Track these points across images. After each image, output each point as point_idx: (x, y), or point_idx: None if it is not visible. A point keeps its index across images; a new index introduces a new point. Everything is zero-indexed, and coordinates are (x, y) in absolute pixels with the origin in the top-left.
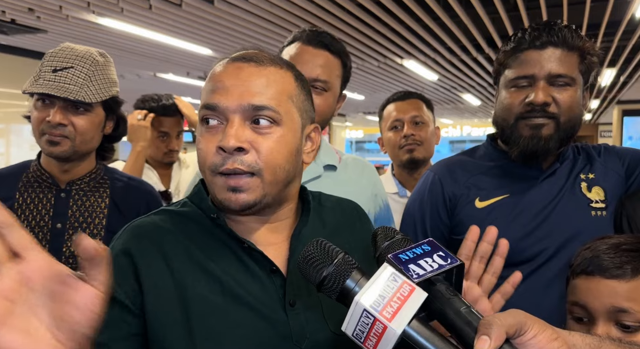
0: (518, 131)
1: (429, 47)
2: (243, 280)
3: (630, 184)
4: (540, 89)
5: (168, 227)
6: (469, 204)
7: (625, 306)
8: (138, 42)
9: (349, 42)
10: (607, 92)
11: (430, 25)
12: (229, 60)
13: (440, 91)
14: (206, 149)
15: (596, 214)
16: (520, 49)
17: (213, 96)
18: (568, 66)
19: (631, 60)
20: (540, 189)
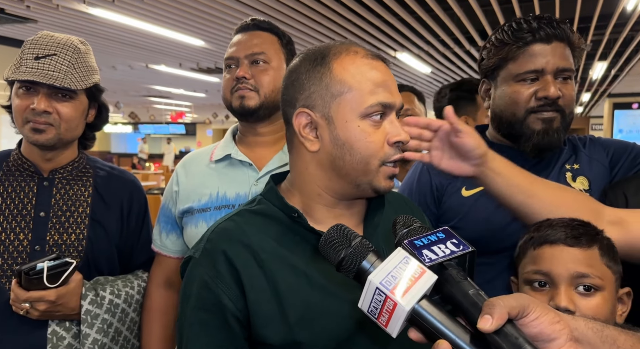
0: (529, 125)
1: (422, 40)
2: (325, 270)
3: (614, 174)
4: (551, 83)
5: (252, 228)
6: (455, 193)
7: (586, 271)
8: (130, 33)
9: (342, 34)
10: (598, 86)
11: (424, 18)
12: (372, 57)
13: (434, 83)
14: (377, 141)
15: None
16: (525, 41)
17: (385, 95)
18: (569, 60)
19: (622, 54)
20: None
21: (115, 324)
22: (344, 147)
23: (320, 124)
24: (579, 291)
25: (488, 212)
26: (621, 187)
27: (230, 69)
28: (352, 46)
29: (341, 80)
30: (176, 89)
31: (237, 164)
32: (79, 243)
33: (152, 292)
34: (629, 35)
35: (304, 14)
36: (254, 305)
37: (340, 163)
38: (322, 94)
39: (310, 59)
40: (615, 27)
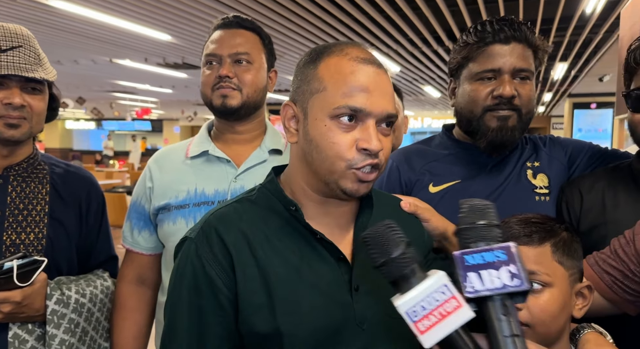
0: (485, 122)
1: (392, 39)
2: (316, 266)
3: (571, 172)
4: (507, 83)
5: (249, 216)
6: (423, 189)
7: (534, 269)
8: (93, 26)
9: (313, 31)
10: (559, 86)
11: (393, 17)
12: (361, 60)
13: (402, 82)
14: (343, 144)
15: (540, 199)
16: (485, 42)
17: (361, 100)
18: (528, 61)
19: (581, 55)
20: (489, 175)
21: (82, 323)
22: (311, 143)
23: (299, 118)
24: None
25: (453, 208)
26: (577, 185)
27: (212, 65)
28: (348, 47)
29: (320, 78)
30: (142, 85)
31: (215, 160)
32: (39, 242)
33: (124, 289)
34: (587, 38)
35: (273, 10)
36: (244, 292)
37: (310, 159)
38: (305, 90)
39: (308, 56)
40: (575, 29)
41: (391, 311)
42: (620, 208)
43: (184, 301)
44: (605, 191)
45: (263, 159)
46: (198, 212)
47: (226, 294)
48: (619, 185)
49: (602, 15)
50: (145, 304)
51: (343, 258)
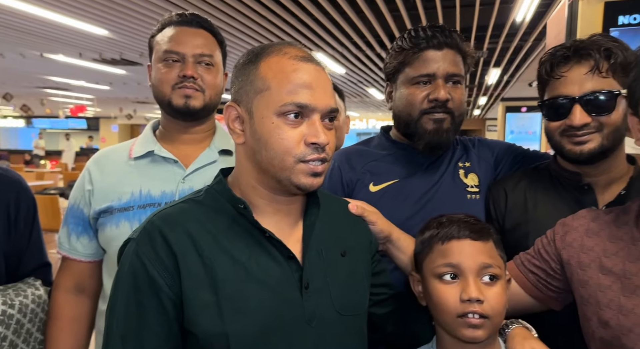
0: (422, 125)
1: (337, 41)
2: (265, 264)
3: (497, 172)
4: (441, 87)
5: (196, 216)
6: (364, 188)
7: (489, 262)
8: (21, 18)
9: (258, 30)
10: (493, 90)
11: (337, 19)
12: (301, 59)
13: (348, 84)
14: (291, 139)
15: (471, 197)
16: (420, 48)
17: (305, 96)
18: (459, 66)
19: (513, 61)
20: (425, 174)
21: (10, 336)
22: (260, 141)
23: (244, 118)
24: (485, 281)
25: (391, 207)
26: (502, 185)
27: (171, 63)
28: (286, 47)
29: (263, 78)
30: (76, 81)
31: (161, 161)
32: None
33: (60, 299)
34: (518, 45)
35: (217, 8)
36: (189, 292)
37: (259, 157)
38: (248, 90)
39: (246, 57)
40: (507, 36)
41: (340, 308)
42: (539, 207)
43: (124, 301)
44: (527, 190)
45: (212, 159)
46: (143, 215)
47: (168, 295)
48: (539, 185)
49: (531, 24)
50: (83, 315)
51: (292, 257)
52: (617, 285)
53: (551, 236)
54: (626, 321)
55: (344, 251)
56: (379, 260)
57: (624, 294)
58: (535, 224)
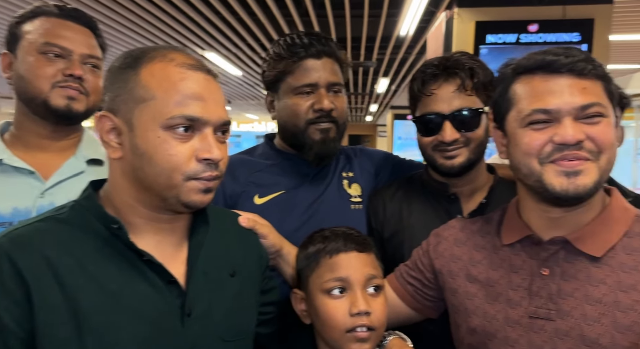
0: (310, 135)
1: (230, 42)
2: (141, 291)
3: (377, 182)
4: (324, 97)
5: (57, 237)
6: (248, 200)
7: (374, 273)
8: None
9: (146, 27)
10: (382, 98)
11: (230, 20)
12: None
13: (245, 86)
14: (180, 155)
15: (354, 207)
16: (299, 57)
17: (196, 109)
18: (339, 75)
19: (400, 72)
20: (311, 185)
21: None
22: (143, 157)
23: (122, 130)
24: (370, 293)
25: (278, 219)
26: (381, 194)
27: (53, 58)
28: (171, 53)
29: (146, 87)
30: None
31: (11, 171)
32: None
33: None
34: (404, 57)
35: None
36: (44, 327)
37: (141, 174)
38: (126, 99)
39: (123, 61)
40: (393, 48)
41: (225, 334)
42: (413, 215)
43: None
44: (402, 200)
45: (79, 170)
46: None
47: (16, 334)
48: (413, 194)
49: (414, 38)
50: None
51: (174, 281)
52: (482, 293)
53: (425, 247)
54: (490, 327)
55: (234, 271)
56: (269, 276)
57: (488, 301)
58: (409, 232)
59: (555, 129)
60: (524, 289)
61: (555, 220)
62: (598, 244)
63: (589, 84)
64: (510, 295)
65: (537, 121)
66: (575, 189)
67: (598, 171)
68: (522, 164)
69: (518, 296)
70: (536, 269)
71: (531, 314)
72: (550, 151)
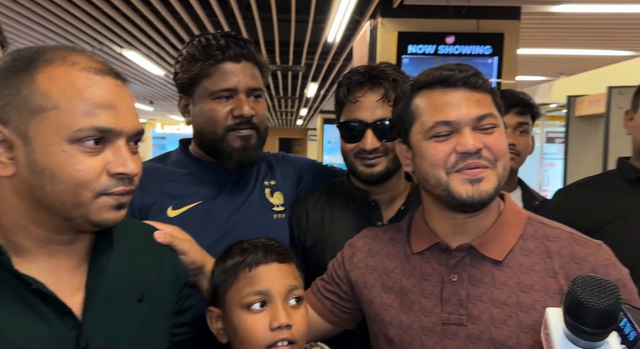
0: (229, 142)
1: (151, 40)
2: (28, 326)
3: (299, 190)
4: (244, 102)
5: None
6: (161, 213)
7: (294, 284)
8: None
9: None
10: (312, 103)
11: (150, 18)
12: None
13: (168, 86)
14: (90, 170)
15: (277, 217)
16: (216, 59)
17: (106, 118)
18: (259, 79)
19: (328, 77)
20: (231, 195)
21: None
22: (43, 174)
23: (15, 143)
24: (291, 304)
25: (195, 232)
26: (304, 203)
27: None
28: (73, 54)
29: (45, 94)
30: None
31: None
32: None
33: None
34: (332, 63)
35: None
36: None
37: (41, 193)
38: (19, 108)
39: (12, 63)
40: (321, 54)
41: None
42: (335, 223)
43: None
44: (325, 207)
45: None
46: None
47: None
48: (334, 202)
49: (341, 45)
50: None
51: (68, 312)
52: (397, 302)
53: (340, 259)
54: (406, 337)
55: (142, 294)
56: (187, 295)
57: (403, 311)
58: (331, 240)
59: (457, 139)
60: (435, 296)
61: (460, 226)
62: (499, 248)
63: (481, 96)
64: (424, 303)
65: (440, 132)
66: (480, 195)
67: (496, 177)
68: (430, 175)
69: (431, 304)
70: (446, 276)
71: (444, 320)
72: (455, 160)
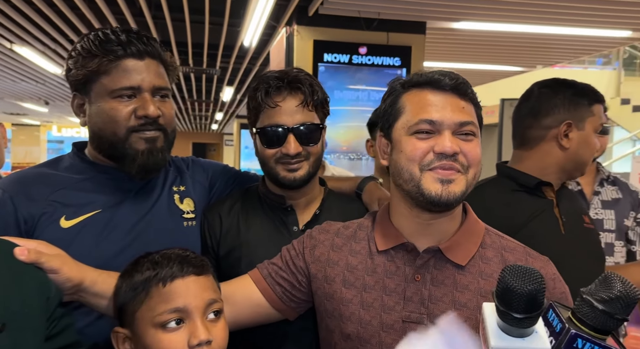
0: (132, 145)
1: (47, 36)
2: None
3: (212, 196)
4: (150, 102)
5: None
6: (52, 224)
7: (214, 297)
8: None
9: None
10: (228, 107)
11: (46, 12)
12: None
13: (66, 86)
14: None
15: (188, 224)
16: (117, 55)
17: None
18: (165, 79)
19: (245, 82)
20: (135, 202)
21: None
22: None
23: None
24: (210, 318)
25: (93, 244)
26: (217, 209)
27: None
28: None
29: None
30: None
31: None
32: None
33: None
34: (248, 67)
35: None
36: None
37: None
38: None
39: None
40: (237, 58)
41: None
42: (251, 229)
43: None
44: (240, 213)
45: None
46: None
47: None
48: (250, 207)
49: (258, 50)
50: None
51: None
52: (357, 298)
53: (300, 248)
54: (365, 333)
55: (3, 323)
56: (60, 316)
57: (363, 307)
58: (247, 247)
59: (437, 139)
60: (398, 294)
61: (425, 227)
62: (462, 254)
63: (466, 104)
64: (385, 300)
65: (422, 130)
66: (447, 195)
67: (465, 182)
68: (404, 169)
69: (392, 301)
70: (410, 276)
71: (404, 318)
72: (431, 159)
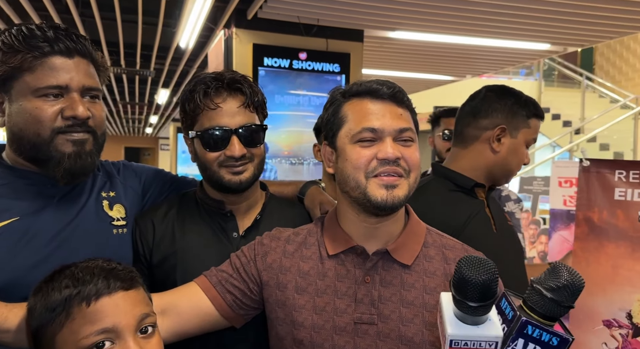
0: (58, 147)
1: None
2: None
3: (145, 201)
4: (79, 102)
5: None
6: None
7: (147, 311)
8: None
9: None
10: (164, 110)
11: None
12: None
13: None
14: None
15: (118, 232)
16: (43, 52)
17: None
18: (96, 79)
19: (181, 84)
20: (58, 209)
21: None
22: None
23: None
24: (143, 335)
25: (9, 254)
26: (150, 215)
27: None
28: None
29: None
30: None
31: None
32: None
33: None
34: (184, 69)
35: None
36: None
37: None
38: None
39: None
40: (173, 60)
41: None
42: (187, 236)
43: None
44: (175, 220)
45: None
46: None
47: None
48: (187, 213)
49: (195, 52)
50: None
51: None
52: (310, 304)
53: (250, 255)
54: (317, 337)
55: None
56: None
57: (316, 312)
58: (183, 254)
59: (379, 146)
60: (349, 297)
61: (372, 230)
62: (408, 254)
63: (403, 112)
64: (337, 304)
65: (365, 138)
66: (392, 200)
67: (408, 186)
68: (351, 177)
69: (344, 304)
70: (360, 278)
71: (356, 320)
72: (375, 166)
